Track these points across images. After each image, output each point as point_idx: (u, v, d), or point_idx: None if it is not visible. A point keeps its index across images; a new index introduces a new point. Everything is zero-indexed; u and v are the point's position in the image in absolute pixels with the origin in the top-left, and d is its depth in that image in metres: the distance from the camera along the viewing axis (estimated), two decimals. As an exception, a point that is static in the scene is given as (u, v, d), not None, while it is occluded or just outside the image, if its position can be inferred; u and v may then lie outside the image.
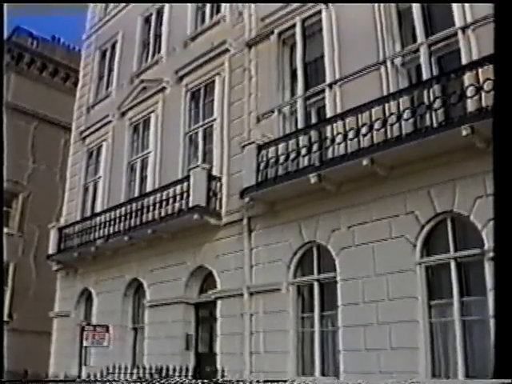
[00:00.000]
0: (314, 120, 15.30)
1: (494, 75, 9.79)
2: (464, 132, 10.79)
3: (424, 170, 11.88)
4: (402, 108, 12.11)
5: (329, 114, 14.40)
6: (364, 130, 12.60)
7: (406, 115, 11.99)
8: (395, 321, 11.73)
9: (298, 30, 15.90)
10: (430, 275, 11.90)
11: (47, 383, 17.89)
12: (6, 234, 25.63)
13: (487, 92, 10.55)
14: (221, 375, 13.89)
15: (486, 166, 9.43)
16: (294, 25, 16.05)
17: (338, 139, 13.10)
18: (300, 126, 15.10)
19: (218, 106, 17.85)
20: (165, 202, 17.22)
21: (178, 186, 16.98)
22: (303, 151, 13.88)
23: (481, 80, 10.81)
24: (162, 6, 21.77)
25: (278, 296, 14.32)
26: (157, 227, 17.41)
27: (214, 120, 17.83)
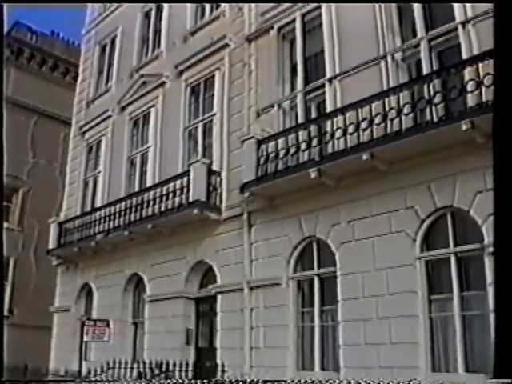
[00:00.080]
0: (313, 115, 15.28)
1: (493, 70, 9.77)
2: (464, 127, 10.78)
3: (424, 164, 11.88)
4: (402, 103, 12.08)
5: (329, 109, 14.38)
6: (364, 125, 12.58)
7: (406, 110, 11.97)
8: (395, 315, 11.74)
9: (298, 24, 15.88)
10: (430, 270, 11.90)
11: (47, 383, 17.96)
12: (6, 229, 25.58)
13: (487, 87, 10.53)
14: (221, 370, 13.96)
15: (486, 161, 9.43)
16: (293, 19, 16.02)
17: (338, 134, 13.09)
18: (300, 120, 15.09)
19: (217, 101, 17.83)
20: (165, 196, 17.21)
21: (178, 181, 16.97)
22: (303, 146, 13.86)
23: (481, 75, 10.79)
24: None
25: (278, 291, 14.32)
26: (157, 222, 17.41)
27: (214, 115, 17.81)
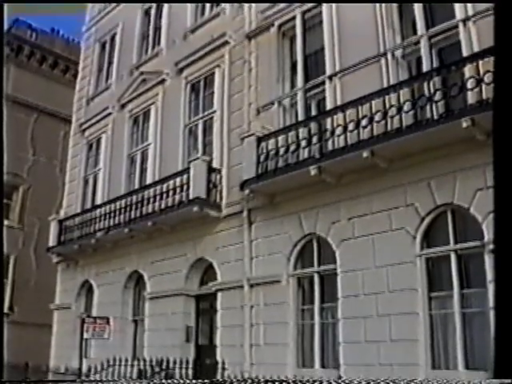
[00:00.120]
0: (314, 112, 15.28)
1: (493, 68, 9.77)
2: (464, 124, 10.78)
3: (424, 162, 11.88)
4: (402, 100, 12.08)
5: (329, 106, 14.37)
6: (364, 122, 12.57)
7: (407, 107, 11.97)
8: (395, 313, 11.74)
9: (299, 22, 15.87)
10: (430, 267, 11.90)
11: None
12: (6, 227, 25.59)
13: (488, 84, 10.53)
14: (221, 367, 13.97)
15: (486, 159, 9.43)
16: (294, 17, 16.01)
17: (338, 131, 13.09)
18: (300, 118, 15.09)
19: (217, 98, 17.82)
20: (165, 194, 17.22)
21: (178, 178, 16.98)
22: (303, 143, 13.86)
23: (481, 72, 10.79)
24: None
25: (278, 288, 14.33)
26: (157, 219, 17.41)
27: (214, 112, 17.81)
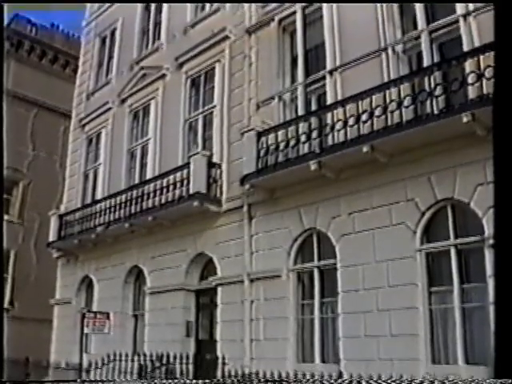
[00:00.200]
0: (314, 107, 15.27)
1: (494, 62, 9.76)
2: (465, 119, 10.77)
3: (424, 157, 11.87)
4: (402, 95, 12.07)
5: (329, 101, 14.37)
6: (364, 117, 12.57)
7: (407, 102, 11.96)
8: (395, 307, 11.75)
9: (299, 16, 15.84)
10: (430, 262, 11.91)
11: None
12: (6, 222, 25.58)
13: (488, 79, 10.52)
14: (221, 362, 13.97)
15: (486, 154, 9.42)
16: (294, 12, 15.98)
17: (339, 126, 13.08)
18: (300, 112, 15.08)
19: (218, 93, 17.81)
20: (165, 188, 17.21)
21: (178, 173, 16.97)
22: (303, 138, 13.86)
23: (482, 67, 10.77)
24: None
25: (278, 283, 14.34)
26: (157, 214, 17.42)
27: (214, 107, 17.79)
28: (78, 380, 15.65)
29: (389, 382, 8.36)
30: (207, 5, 19.53)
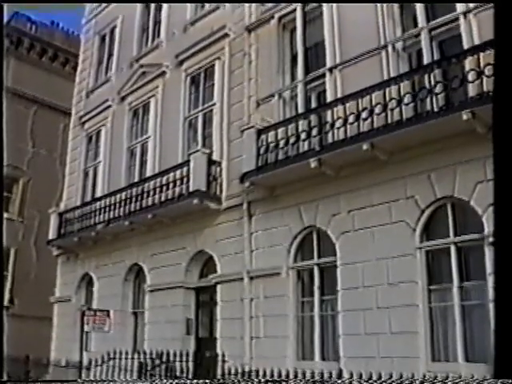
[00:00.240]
0: (314, 104, 15.25)
1: (494, 60, 9.74)
2: (465, 117, 10.76)
3: (424, 154, 11.86)
4: (402, 92, 12.06)
5: (329, 99, 14.35)
6: (364, 115, 12.56)
7: (407, 100, 11.95)
8: (395, 305, 11.75)
9: (299, 14, 15.81)
10: (430, 260, 11.90)
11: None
12: (6, 220, 25.55)
13: (488, 77, 10.50)
14: (221, 360, 13.98)
15: (486, 151, 9.40)
16: (294, 9, 15.95)
17: (338, 124, 13.07)
18: (300, 110, 15.06)
19: (217, 91, 17.79)
20: (165, 186, 17.22)
21: (178, 171, 16.97)
22: (303, 136, 13.85)
23: (482, 65, 10.76)
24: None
25: (278, 280, 14.34)
26: (157, 212, 17.41)
27: (214, 104, 17.78)
28: (79, 380, 15.67)
29: (389, 381, 8.37)
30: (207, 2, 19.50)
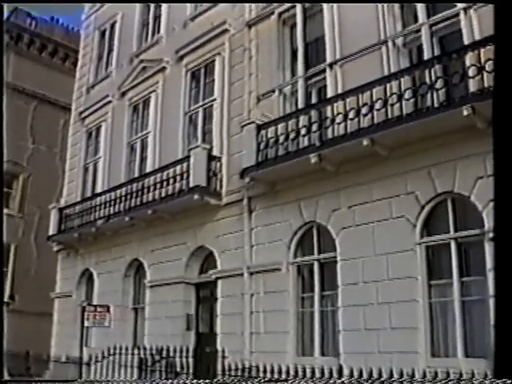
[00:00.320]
0: (314, 100, 15.24)
1: (494, 56, 9.73)
2: (465, 112, 10.75)
3: (425, 150, 11.85)
4: (403, 88, 12.05)
5: (329, 94, 14.34)
6: (365, 110, 12.55)
7: (407, 95, 11.94)
8: (395, 301, 11.75)
9: (299, 9, 15.79)
10: (430, 255, 11.90)
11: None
12: (6, 215, 25.55)
13: (489, 72, 10.49)
14: (221, 356, 14.00)
15: (486, 147, 9.38)
16: (294, 5, 15.93)
17: (339, 119, 13.06)
18: (300, 105, 15.05)
19: (218, 86, 17.78)
20: (165, 182, 17.21)
21: (178, 166, 16.96)
22: (303, 131, 13.84)
23: (482, 60, 10.74)
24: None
25: (278, 276, 14.34)
26: (157, 207, 17.41)
27: (214, 100, 17.77)
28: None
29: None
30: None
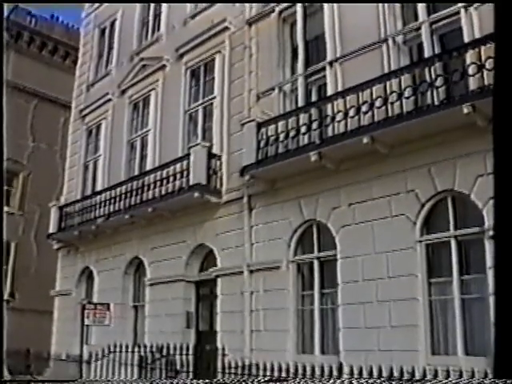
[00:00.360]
0: (314, 98, 15.22)
1: (494, 53, 9.72)
2: (465, 110, 10.75)
3: (425, 148, 11.84)
4: (403, 86, 12.04)
5: (329, 92, 14.33)
6: (365, 108, 12.54)
7: (407, 93, 11.93)
8: (395, 299, 11.76)
9: (299, 7, 15.77)
10: (430, 253, 11.91)
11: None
12: (6, 213, 25.54)
13: (489, 70, 10.48)
14: (221, 353, 14.01)
15: (486, 145, 9.33)
16: (294, 3, 15.91)
17: (339, 117, 13.06)
18: (300, 103, 15.04)
19: (218, 84, 17.77)
20: (165, 180, 17.22)
21: (178, 164, 16.97)
22: (303, 129, 13.84)
23: (483, 58, 10.74)
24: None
25: (278, 274, 14.34)
26: (157, 205, 17.41)
27: (214, 98, 17.76)
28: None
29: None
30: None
